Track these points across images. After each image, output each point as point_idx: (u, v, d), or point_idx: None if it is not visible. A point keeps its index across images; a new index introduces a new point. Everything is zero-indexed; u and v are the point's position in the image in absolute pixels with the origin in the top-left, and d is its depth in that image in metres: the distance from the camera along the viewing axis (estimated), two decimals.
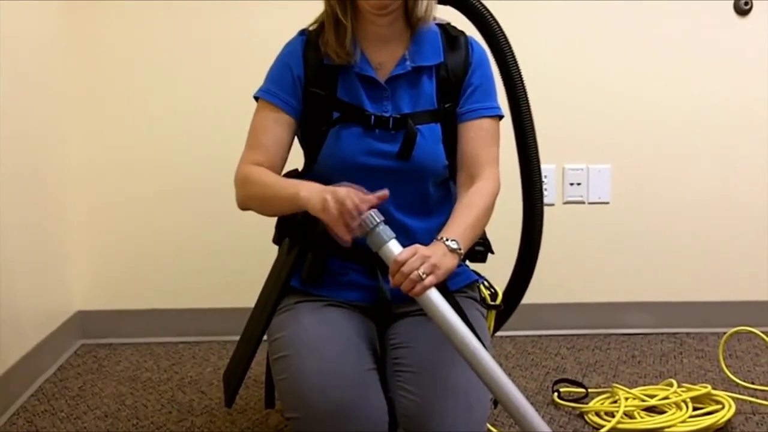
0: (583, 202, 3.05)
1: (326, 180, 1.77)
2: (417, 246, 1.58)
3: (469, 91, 1.84)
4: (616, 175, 3.04)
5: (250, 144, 1.84)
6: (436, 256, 1.58)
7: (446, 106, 1.83)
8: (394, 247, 1.58)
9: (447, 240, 1.65)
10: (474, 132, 1.83)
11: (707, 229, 3.05)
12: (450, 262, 1.62)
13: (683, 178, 3.03)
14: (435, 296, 1.56)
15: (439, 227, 1.74)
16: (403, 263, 1.55)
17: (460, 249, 1.65)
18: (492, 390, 1.57)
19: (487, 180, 1.80)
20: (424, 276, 1.54)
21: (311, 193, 1.63)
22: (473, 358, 1.55)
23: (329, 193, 1.58)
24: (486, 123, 1.84)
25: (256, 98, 1.86)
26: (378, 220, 1.57)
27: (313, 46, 1.82)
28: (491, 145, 1.85)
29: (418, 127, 1.78)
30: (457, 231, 1.68)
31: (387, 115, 1.78)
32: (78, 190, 2.97)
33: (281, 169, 1.83)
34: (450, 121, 1.83)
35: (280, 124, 1.82)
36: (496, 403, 1.87)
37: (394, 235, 1.58)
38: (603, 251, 3.07)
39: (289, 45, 1.87)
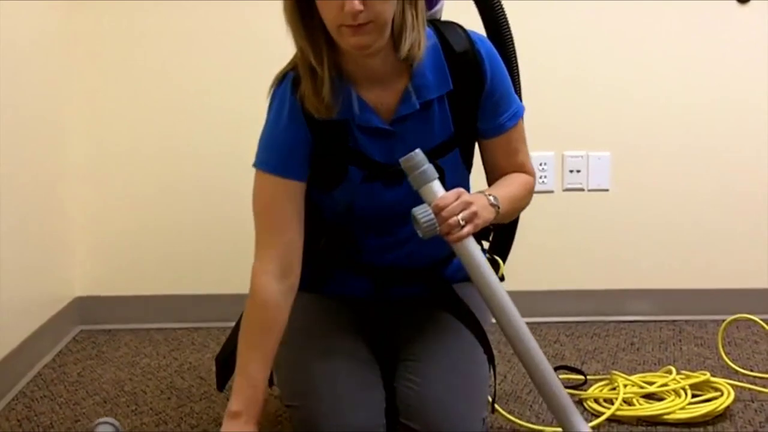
0: (583, 190, 3.05)
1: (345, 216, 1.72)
2: (460, 190, 1.52)
3: (491, 104, 1.69)
4: (615, 163, 3.03)
5: (264, 233, 1.64)
6: (478, 204, 1.53)
7: (464, 126, 1.69)
8: (436, 188, 1.52)
9: (488, 195, 1.59)
10: (504, 146, 1.73)
11: (707, 217, 3.05)
12: (489, 215, 1.56)
13: (683, 165, 3.03)
14: (471, 245, 1.53)
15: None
16: (444, 207, 1.49)
17: (499, 207, 1.59)
18: (517, 349, 1.58)
19: (528, 175, 1.76)
20: (463, 222, 1.49)
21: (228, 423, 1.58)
22: (503, 315, 1.55)
23: None
24: (515, 131, 1.73)
25: (255, 165, 1.66)
26: (422, 158, 1.51)
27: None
28: (521, 148, 1.76)
29: (441, 161, 1.62)
30: (496, 192, 1.62)
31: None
32: (78, 176, 2.97)
33: (302, 245, 1.65)
34: (468, 139, 1.72)
35: (291, 196, 1.63)
36: (493, 401, 1.88)
37: (437, 176, 1.52)
38: (602, 238, 3.07)
39: (285, 103, 1.63)
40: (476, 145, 1.78)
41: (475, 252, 1.55)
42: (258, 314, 1.62)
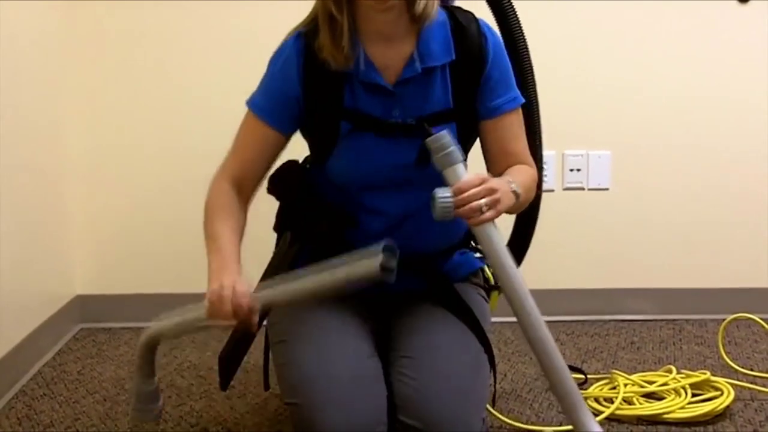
0: (583, 189, 3.05)
1: (339, 185, 1.75)
2: (485, 175, 1.54)
3: (490, 86, 1.73)
4: (616, 162, 3.03)
5: (234, 153, 1.78)
6: (502, 191, 1.54)
7: (462, 103, 1.73)
8: (461, 171, 1.53)
9: (510, 182, 1.62)
10: (501, 130, 1.76)
11: (707, 216, 3.05)
12: (510, 202, 1.59)
13: (683, 164, 3.03)
14: (492, 230, 1.54)
15: (451, 230, 1.76)
16: (466, 190, 1.50)
17: (519, 194, 1.63)
18: (530, 339, 1.58)
19: (527, 168, 1.77)
20: (485, 209, 1.50)
21: (213, 285, 1.62)
22: (519, 303, 1.55)
23: (217, 291, 1.59)
24: (512, 116, 1.76)
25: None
26: (449, 140, 1.52)
27: (312, 51, 1.67)
28: (520, 136, 1.79)
29: (433, 129, 1.66)
30: (516, 179, 1.65)
31: (400, 121, 1.68)
32: (78, 175, 2.97)
33: (257, 183, 1.78)
34: (466, 119, 1.74)
35: (266, 139, 1.74)
36: (494, 399, 1.88)
37: (462, 159, 1.54)
38: (602, 237, 3.07)
39: (284, 53, 1.72)
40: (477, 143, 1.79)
41: (495, 237, 1.55)
42: (215, 201, 1.77)
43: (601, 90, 2.98)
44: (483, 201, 1.50)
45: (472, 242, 1.92)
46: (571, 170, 3.03)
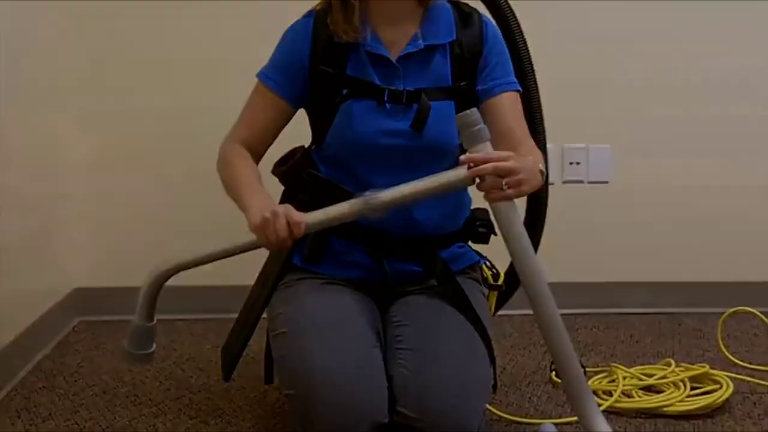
0: (583, 182, 3.05)
1: (338, 159, 1.78)
2: (512, 153, 1.55)
3: (489, 69, 1.83)
4: (615, 155, 3.03)
5: (243, 120, 1.87)
6: (525, 172, 1.55)
7: (461, 84, 1.81)
8: (487, 149, 1.55)
9: (537, 162, 1.65)
10: (503, 107, 1.82)
11: (706, 210, 3.05)
12: (536, 182, 1.61)
13: (683, 158, 3.03)
14: (508, 209, 1.54)
15: (450, 214, 1.77)
16: (489, 162, 1.51)
17: (545, 174, 1.69)
18: (540, 321, 1.61)
19: (532, 150, 1.77)
20: (505, 187, 1.51)
21: (254, 209, 1.63)
22: (531, 282, 1.57)
23: (269, 211, 1.57)
24: (512, 96, 1.84)
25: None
26: (477, 117, 1.54)
27: (322, 25, 1.79)
28: (519, 117, 1.84)
29: (432, 103, 1.75)
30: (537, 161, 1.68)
31: (400, 89, 1.76)
32: (78, 167, 2.97)
33: (264, 151, 1.87)
34: (465, 100, 1.79)
35: (274, 108, 1.84)
36: (495, 387, 1.88)
37: (489, 137, 1.55)
38: (602, 231, 3.07)
39: (295, 27, 1.85)
40: None
41: (513, 217, 1.55)
42: (232, 155, 1.83)
43: (601, 84, 2.98)
44: (505, 180, 1.50)
45: (470, 241, 1.93)
46: (571, 163, 3.03)
